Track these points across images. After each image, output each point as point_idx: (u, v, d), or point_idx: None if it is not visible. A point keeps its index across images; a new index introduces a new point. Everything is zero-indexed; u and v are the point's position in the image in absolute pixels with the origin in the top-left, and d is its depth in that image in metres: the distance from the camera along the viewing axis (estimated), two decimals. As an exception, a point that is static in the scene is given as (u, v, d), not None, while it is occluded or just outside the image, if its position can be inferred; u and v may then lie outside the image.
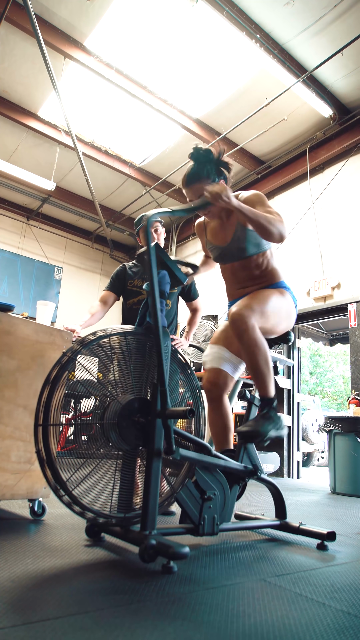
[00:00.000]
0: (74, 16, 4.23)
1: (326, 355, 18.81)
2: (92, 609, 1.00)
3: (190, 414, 1.40)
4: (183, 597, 1.11)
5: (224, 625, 0.96)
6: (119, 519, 1.50)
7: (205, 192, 1.64)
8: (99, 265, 8.62)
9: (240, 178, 6.46)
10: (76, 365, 1.54)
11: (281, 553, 1.65)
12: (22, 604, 1.00)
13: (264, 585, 1.26)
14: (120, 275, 2.63)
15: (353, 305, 4.79)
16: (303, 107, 4.95)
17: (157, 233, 2.55)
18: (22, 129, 5.75)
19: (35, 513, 1.94)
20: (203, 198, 1.70)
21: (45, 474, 1.40)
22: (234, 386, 2.27)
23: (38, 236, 7.87)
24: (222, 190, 1.60)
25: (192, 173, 1.77)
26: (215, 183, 1.69)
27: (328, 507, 3.05)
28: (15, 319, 1.91)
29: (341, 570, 1.46)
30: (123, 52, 4.53)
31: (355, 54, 4.27)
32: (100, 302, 2.58)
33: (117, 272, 2.65)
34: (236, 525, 1.79)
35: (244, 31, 3.97)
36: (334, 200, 5.31)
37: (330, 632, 0.97)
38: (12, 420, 1.84)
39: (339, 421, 4.09)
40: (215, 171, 1.78)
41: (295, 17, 3.96)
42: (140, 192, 6.86)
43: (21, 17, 4.09)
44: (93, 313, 2.55)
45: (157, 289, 1.53)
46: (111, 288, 2.62)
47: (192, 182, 1.77)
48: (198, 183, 1.76)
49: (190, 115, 5.35)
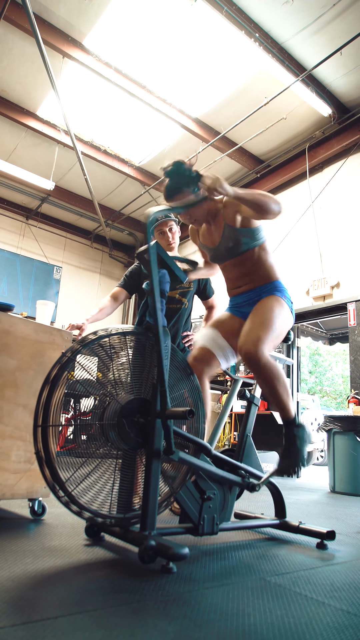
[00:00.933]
0: (73, 15, 4.22)
1: (325, 355, 18.83)
2: (92, 608, 1.00)
3: (190, 414, 1.39)
4: (183, 596, 1.11)
5: (223, 625, 0.96)
6: (118, 519, 1.50)
7: (202, 185, 1.64)
8: (98, 265, 8.62)
9: (239, 177, 6.46)
10: (76, 365, 1.54)
11: (281, 552, 1.65)
12: (22, 603, 1.00)
13: (263, 584, 1.26)
14: (134, 274, 2.62)
15: (352, 305, 4.79)
16: (302, 106, 4.95)
17: (172, 232, 2.53)
18: (21, 129, 5.75)
19: (35, 512, 1.94)
20: (202, 192, 1.71)
21: (44, 473, 1.40)
22: (233, 385, 2.27)
23: (37, 236, 7.86)
24: (216, 180, 1.60)
25: (171, 187, 1.78)
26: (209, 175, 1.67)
27: (327, 506, 3.05)
28: (15, 318, 1.91)
29: (341, 569, 1.46)
30: (122, 51, 4.52)
31: (354, 53, 4.27)
32: (111, 298, 2.56)
33: (132, 271, 2.64)
34: (236, 524, 1.79)
35: (242, 30, 3.96)
36: (333, 199, 5.31)
37: (329, 631, 0.97)
38: (12, 420, 1.84)
39: (339, 420, 4.09)
40: (193, 180, 1.79)
41: (294, 16, 3.96)
42: (140, 192, 6.85)
43: (20, 16, 4.09)
44: (102, 308, 2.52)
45: (158, 288, 1.53)
46: (124, 285, 2.60)
47: (174, 195, 1.78)
48: (179, 194, 1.77)
49: (190, 115, 5.34)
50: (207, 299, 2.70)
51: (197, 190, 1.78)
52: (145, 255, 1.64)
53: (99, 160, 6.11)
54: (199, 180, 1.76)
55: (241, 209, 1.78)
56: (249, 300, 1.89)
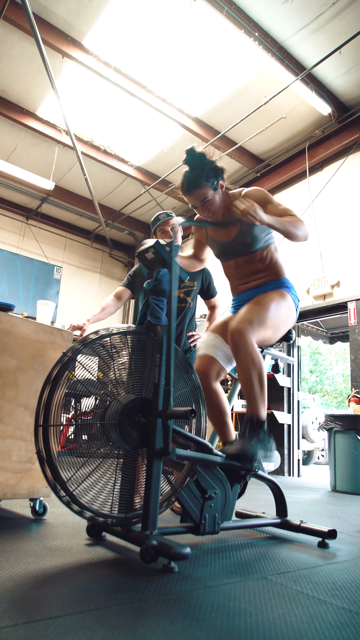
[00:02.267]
0: (72, 15, 4.22)
1: (326, 354, 18.82)
2: (94, 607, 1.00)
3: (192, 414, 1.40)
4: (184, 595, 1.11)
5: (225, 624, 0.96)
6: (119, 518, 1.50)
7: (236, 210, 1.62)
8: (98, 265, 8.62)
9: (239, 176, 6.46)
10: (77, 365, 1.54)
11: (282, 551, 1.65)
12: (24, 603, 1.00)
13: (265, 583, 1.26)
14: (138, 273, 2.62)
15: (353, 304, 4.79)
16: (302, 105, 4.94)
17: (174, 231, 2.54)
18: (20, 129, 5.75)
19: (36, 512, 1.94)
20: (233, 216, 1.69)
21: (45, 472, 1.40)
22: (234, 385, 2.27)
23: (37, 236, 7.87)
24: (251, 207, 1.59)
25: (191, 179, 1.75)
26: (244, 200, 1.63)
27: (329, 505, 3.05)
28: (15, 318, 1.91)
29: (342, 568, 1.46)
30: (121, 50, 4.52)
31: (354, 52, 4.27)
32: (114, 297, 2.56)
33: (135, 270, 2.64)
34: (237, 523, 1.79)
35: (242, 29, 3.96)
36: (333, 198, 5.30)
37: (331, 629, 0.97)
38: (13, 420, 1.84)
39: (339, 419, 4.10)
40: (213, 174, 1.77)
41: (294, 14, 3.95)
42: (140, 191, 6.85)
43: (19, 16, 4.09)
44: (104, 307, 2.51)
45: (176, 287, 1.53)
46: (128, 285, 2.60)
47: (193, 189, 1.76)
48: (199, 189, 1.75)
49: (189, 114, 5.34)
50: (210, 299, 2.71)
51: (215, 185, 1.76)
52: (146, 254, 1.65)
53: (99, 160, 6.11)
54: (220, 175, 1.74)
55: (268, 210, 1.76)
56: (255, 295, 1.88)
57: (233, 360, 1.92)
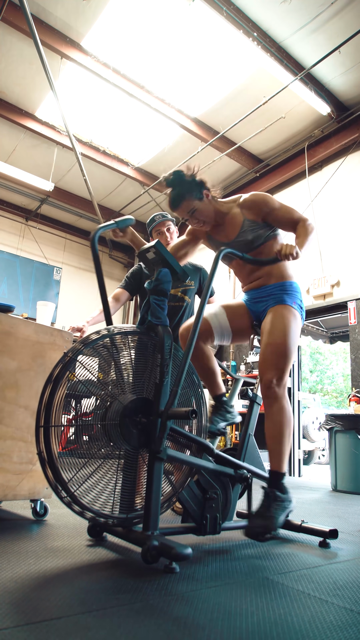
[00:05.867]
0: (71, 16, 4.22)
1: (326, 353, 18.81)
2: (95, 608, 1.00)
3: (193, 414, 1.39)
4: (186, 595, 1.11)
5: (227, 624, 0.96)
6: (120, 519, 1.50)
7: (277, 253, 1.66)
8: (98, 265, 8.61)
9: (238, 177, 6.46)
10: (78, 365, 1.54)
11: (283, 551, 1.65)
12: (25, 604, 1.00)
13: (266, 583, 1.26)
14: (135, 275, 2.62)
15: (353, 303, 4.79)
16: (301, 105, 4.94)
17: (170, 232, 2.54)
18: (19, 130, 5.75)
19: (37, 513, 1.94)
20: (274, 257, 1.72)
21: (46, 473, 1.40)
22: (235, 385, 2.27)
23: (37, 237, 7.87)
24: (292, 249, 1.63)
25: (174, 196, 1.82)
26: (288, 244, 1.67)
27: (330, 505, 3.05)
28: (15, 319, 1.91)
29: (343, 568, 1.46)
30: (120, 51, 4.52)
31: (352, 52, 4.27)
32: (113, 299, 2.56)
33: (133, 272, 2.64)
34: (238, 524, 1.79)
35: (241, 29, 3.96)
36: (333, 198, 5.30)
37: (332, 629, 0.97)
38: (14, 421, 1.84)
39: (340, 419, 4.09)
40: (194, 186, 1.81)
41: (292, 14, 3.95)
42: (139, 192, 6.85)
43: (17, 17, 4.09)
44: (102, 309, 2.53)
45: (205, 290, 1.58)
46: (125, 286, 2.60)
47: (178, 203, 1.82)
48: (183, 202, 1.81)
49: (188, 114, 5.34)
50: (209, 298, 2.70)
51: (200, 196, 1.80)
52: (147, 254, 1.66)
53: (98, 161, 6.11)
54: (202, 186, 1.80)
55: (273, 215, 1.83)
56: (259, 297, 1.90)
57: (224, 336, 1.95)
